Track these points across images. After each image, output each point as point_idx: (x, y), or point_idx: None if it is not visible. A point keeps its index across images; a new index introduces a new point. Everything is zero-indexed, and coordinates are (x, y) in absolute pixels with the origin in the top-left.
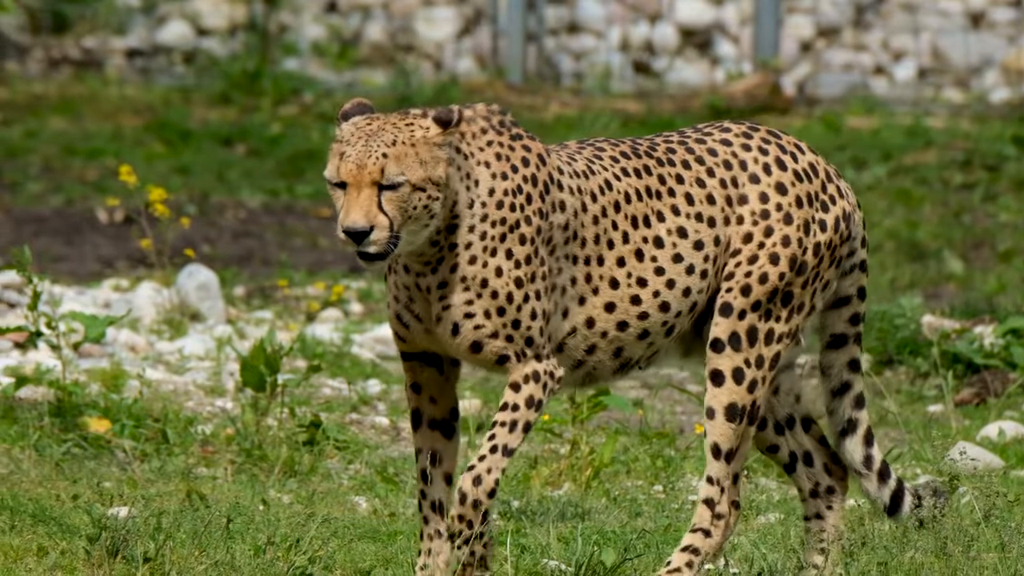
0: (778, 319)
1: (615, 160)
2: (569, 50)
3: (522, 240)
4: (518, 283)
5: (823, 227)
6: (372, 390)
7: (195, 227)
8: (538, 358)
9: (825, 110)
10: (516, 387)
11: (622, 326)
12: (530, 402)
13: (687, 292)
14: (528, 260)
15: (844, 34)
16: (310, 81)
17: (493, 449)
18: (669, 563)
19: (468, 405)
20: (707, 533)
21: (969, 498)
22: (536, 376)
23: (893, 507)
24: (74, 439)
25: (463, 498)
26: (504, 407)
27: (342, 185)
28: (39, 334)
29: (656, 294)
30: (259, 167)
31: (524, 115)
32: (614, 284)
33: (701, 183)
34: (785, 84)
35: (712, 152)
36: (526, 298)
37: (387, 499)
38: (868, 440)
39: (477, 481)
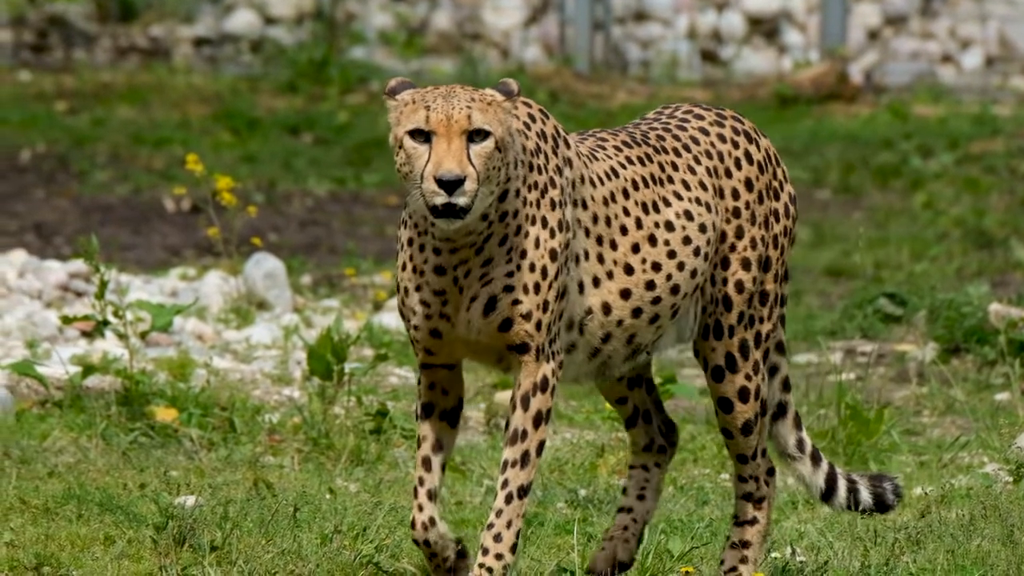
0: (761, 320)
1: (618, 149)
2: (636, 38)
3: (552, 205)
4: (552, 255)
5: (777, 216)
6: None
7: (262, 216)
8: (549, 356)
9: (892, 98)
10: (525, 402)
11: (636, 312)
12: (538, 420)
13: (694, 274)
14: (561, 227)
15: (911, 22)
16: (377, 70)
17: (508, 498)
18: (723, 562)
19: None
20: (752, 521)
21: None
22: (545, 384)
23: (828, 492)
24: (141, 428)
25: (485, 551)
26: (514, 437)
27: (427, 138)
28: (106, 323)
29: (669, 277)
30: (326, 156)
31: (591, 104)
32: (629, 270)
33: (692, 170)
34: (852, 72)
35: (695, 140)
36: (557, 274)
37: (454, 488)
38: (798, 423)
39: (498, 538)
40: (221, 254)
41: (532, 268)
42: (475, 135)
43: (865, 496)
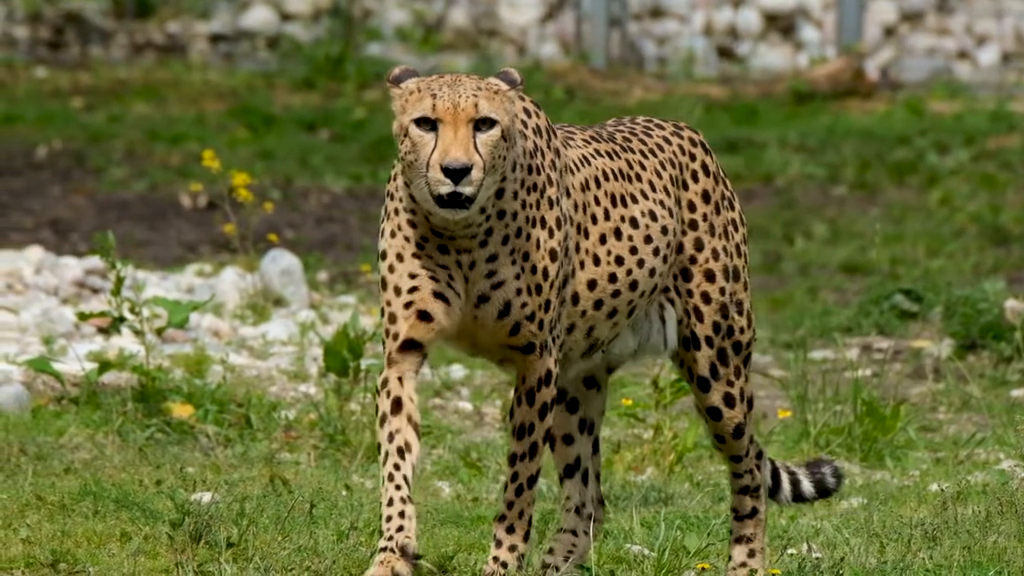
0: (742, 330)
1: (587, 141)
2: (653, 35)
3: (551, 203)
4: (552, 255)
5: (736, 226)
6: (455, 375)
7: (278, 212)
8: (551, 350)
9: (908, 95)
10: (531, 397)
11: (598, 304)
12: (543, 412)
13: (652, 273)
14: (558, 225)
15: (927, 19)
16: (394, 66)
17: (519, 490)
18: (731, 558)
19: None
20: (752, 512)
21: None
22: (548, 377)
23: (774, 488)
24: (157, 424)
25: (499, 543)
26: (521, 431)
27: (433, 126)
28: (123, 319)
29: (629, 272)
30: (342, 152)
31: (607, 100)
32: (596, 261)
33: (658, 174)
34: (868, 69)
35: (660, 148)
36: (558, 272)
37: (470, 484)
38: None
39: (511, 530)
40: (237, 250)
41: (534, 271)
42: (481, 124)
43: (807, 486)
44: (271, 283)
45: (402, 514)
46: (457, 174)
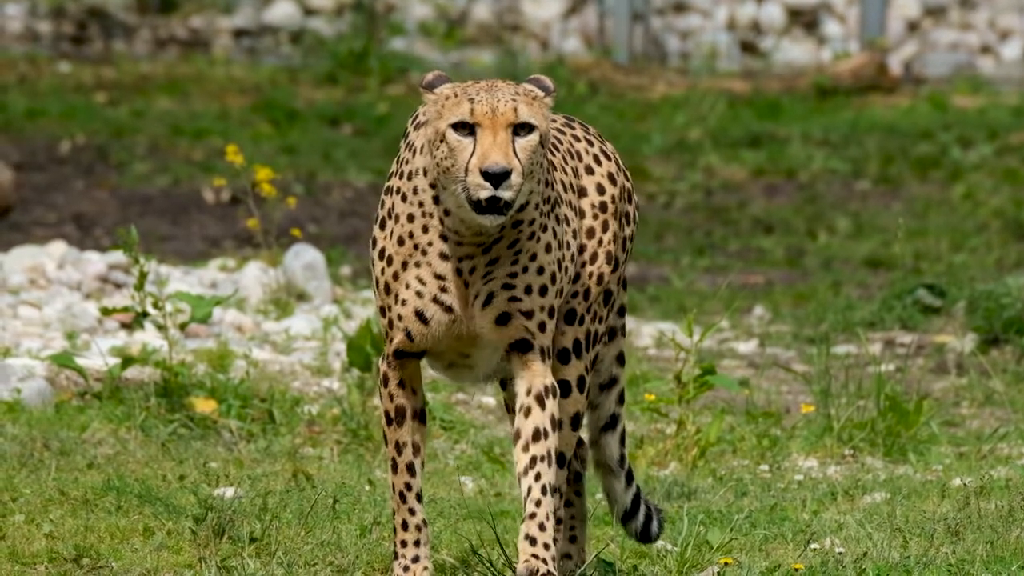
0: (601, 320)
1: None
2: (676, 29)
3: (557, 219)
4: (559, 265)
5: (628, 220)
6: None
7: (302, 207)
8: (549, 353)
9: (931, 89)
10: (541, 402)
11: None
12: (555, 424)
13: (560, 293)
14: (562, 244)
15: (951, 13)
16: (417, 61)
17: (543, 490)
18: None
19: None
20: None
21: None
22: (554, 390)
23: (630, 514)
24: (180, 419)
25: (533, 541)
26: (537, 435)
27: (471, 131)
28: (145, 314)
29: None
30: (366, 147)
31: (630, 95)
32: (540, 271)
33: (563, 171)
34: (892, 63)
35: (558, 140)
36: (558, 292)
37: (493, 479)
38: (622, 439)
39: (542, 528)
40: (260, 245)
41: (541, 271)
42: (520, 128)
43: (654, 527)
44: (294, 278)
45: (417, 543)
46: (497, 178)
